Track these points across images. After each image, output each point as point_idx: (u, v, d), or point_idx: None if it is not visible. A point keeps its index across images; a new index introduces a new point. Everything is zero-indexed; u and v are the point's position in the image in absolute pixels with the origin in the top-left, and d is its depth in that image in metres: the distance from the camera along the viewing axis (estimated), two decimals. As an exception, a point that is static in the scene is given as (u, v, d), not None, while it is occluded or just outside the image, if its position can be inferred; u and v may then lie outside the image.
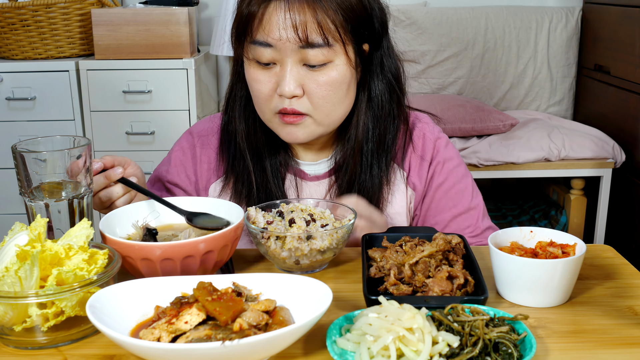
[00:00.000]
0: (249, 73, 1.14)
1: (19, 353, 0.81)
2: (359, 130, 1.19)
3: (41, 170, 0.95)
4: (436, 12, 3.02)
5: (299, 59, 1.09)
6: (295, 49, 1.07)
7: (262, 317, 0.77)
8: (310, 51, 1.07)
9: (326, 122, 1.15)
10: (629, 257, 1.13)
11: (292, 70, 1.09)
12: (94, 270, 0.83)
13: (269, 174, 1.21)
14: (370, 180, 1.20)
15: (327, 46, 1.08)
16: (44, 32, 2.64)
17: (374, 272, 0.96)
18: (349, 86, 1.14)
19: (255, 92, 1.14)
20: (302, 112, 1.12)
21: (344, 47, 1.10)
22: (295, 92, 1.10)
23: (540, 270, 0.88)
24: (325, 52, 1.08)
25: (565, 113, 3.17)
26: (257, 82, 1.12)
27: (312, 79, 1.10)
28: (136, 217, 1.04)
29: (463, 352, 0.74)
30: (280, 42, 1.07)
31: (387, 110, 1.21)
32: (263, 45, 1.09)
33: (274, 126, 1.16)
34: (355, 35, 1.11)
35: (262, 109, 1.15)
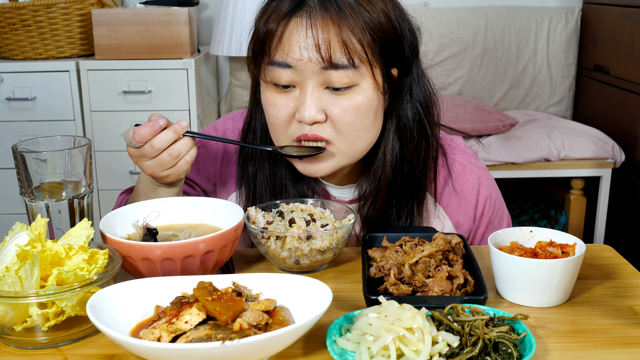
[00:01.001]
0: (266, 97, 1.05)
1: (19, 353, 0.81)
2: (386, 161, 1.10)
3: (41, 170, 0.95)
4: (436, 12, 3.02)
5: (321, 82, 1.01)
6: (318, 71, 0.99)
7: (262, 317, 0.77)
8: (333, 73, 0.99)
9: (350, 152, 1.06)
10: (628, 257, 1.13)
11: (313, 94, 1.01)
12: (94, 270, 0.83)
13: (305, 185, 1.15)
14: (398, 221, 1.13)
15: (352, 68, 0.99)
16: (45, 32, 2.64)
17: (374, 272, 0.96)
18: (376, 113, 1.05)
19: (271, 117, 1.05)
20: (324, 139, 1.04)
21: (371, 70, 1.01)
22: (317, 117, 1.01)
23: (540, 270, 0.88)
24: (351, 75, 1.00)
25: (565, 113, 3.17)
26: (274, 106, 1.04)
27: (336, 103, 1.01)
28: (136, 217, 1.05)
29: (463, 352, 0.74)
30: (300, 62, 0.99)
31: (416, 141, 1.11)
32: (282, 67, 1.00)
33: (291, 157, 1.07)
34: (384, 57, 1.02)
35: (278, 136, 1.07)
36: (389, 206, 1.13)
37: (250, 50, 1.07)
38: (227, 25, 2.76)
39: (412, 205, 1.13)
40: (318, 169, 1.07)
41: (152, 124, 1.00)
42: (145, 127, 1.00)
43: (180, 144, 1.02)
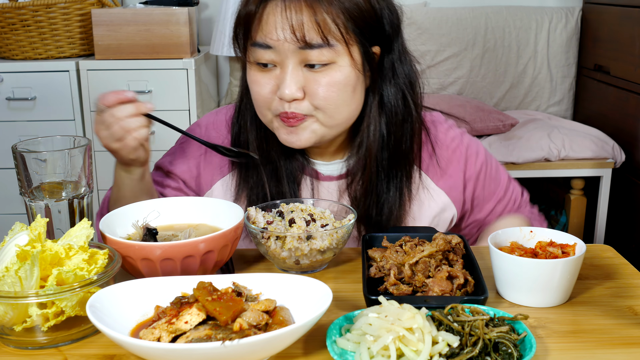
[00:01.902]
0: (250, 76, 1.11)
1: (19, 353, 0.81)
2: (370, 135, 1.14)
3: (41, 170, 0.95)
4: (436, 12, 3.02)
5: (300, 60, 1.05)
6: (295, 50, 1.04)
7: (262, 317, 0.77)
8: (310, 52, 1.04)
9: (329, 123, 1.10)
10: (628, 257, 1.13)
11: (292, 73, 1.06)
12: (94, 270, 0.83)
13: (284, 183, 1.17)
14: (388, 193, 1.16)
15: (328, 46, 1.04)
16: (44, 32, 2.64)
17: (374, 272, 0.96)
18: (354, 89, 1.09)
19: (254, 95, 1.11)
20: (302, 115, 1.08)
21: (348, 48, 1.06)
22: (296, 94, 1.06)
23: (540, 270, 0.88)
24: (327, 53, 1.04)
25: (565, 113, 3.17)
26: (257, 84, 1.09)
27: (314, 80, 1.06)
28: (136, 217, 1.04)
29: (463, 352, 0.74)
30: (278, 42, 1.04)
31: (401, 117, 1.15)
32: (263, 47, 1.06)
33: (275, 130, 1.13)
34: (362, 36, 1.07)
35: (262, 112, 1.13)
36: (377, 180, 1.16)
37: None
38: (227, 25, 2.76)
39: (400, 178, 1.17)
40: (298, 138, 1.10)
41: (119, 93, 1.05)
42: (112, 94, 1.04)
43: (134, 120, 1.05)
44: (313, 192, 1.20)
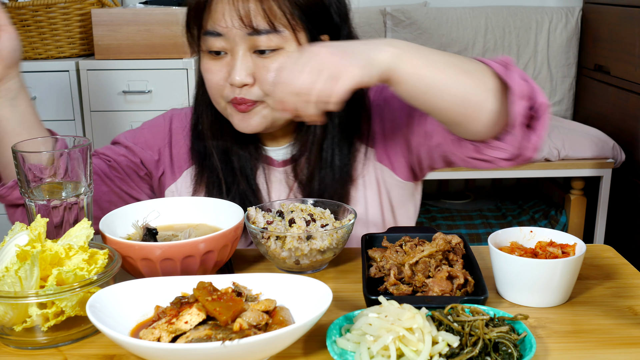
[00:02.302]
0: (203, 64, 1.14)
1: (19, 353, 0.81)
2: None
3: (41, 171, 0.95)
4: (436, 12, 3.02)
5: (249, 47, 1.08)
6: (244, 37, 1.07)
7: (262, 317, 0.77)
8: (258, 38, 1.06)
9: None
10: (629, 257, 1.13)
11: (242, 59, 1.08)
12: (94, 270, 0.83)
13: (237, 171, 1.20)
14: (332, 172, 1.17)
15: (275, 32, 1.06)
16: (44, 32, 2.64)
17: (374, 272, 0.96)
18: None
19: (208, 82, 1.14)
20: (252, 101, 1.11)
21: (295, 34, 1.08)
22: (246, 80, 1.08)
23: (540, 270, 0.88)
24: (274, 38, 1.07)
25: (565, 113, 3.17)
26: (209, 72, 1.12)
27: (264, 66, 1.08)
28: (136, 217, 1.04)
29: (463, 352, 0.74)
30: (227, 29, 1.07)
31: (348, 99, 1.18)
32: (213, 35, 1.08)
33: (228, 116, 1.15)
34: (308, 23, 1.09)
35: (215, 99, 1.15)
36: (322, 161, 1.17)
37: (185, 24, 1.14)
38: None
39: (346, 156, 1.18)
40: (250, 124, 1.13)
41: None
42: None
43: None
44: (266, 178, 1.22)
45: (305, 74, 0.88)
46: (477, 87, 0.95)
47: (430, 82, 0.93)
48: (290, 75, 0.89)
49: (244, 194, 1.19)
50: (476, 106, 0.95)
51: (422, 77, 0.92)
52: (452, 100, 0.94)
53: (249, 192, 1.19)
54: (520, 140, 0.98)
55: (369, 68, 0.89)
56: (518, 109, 0.94)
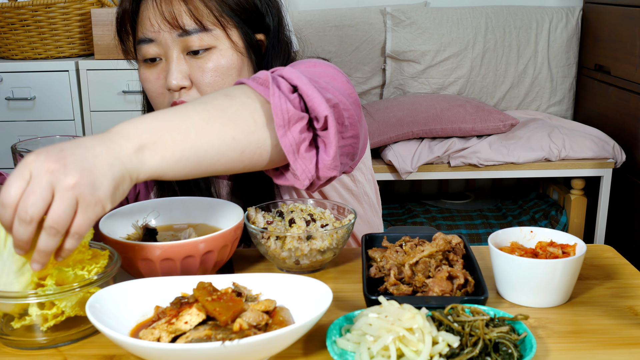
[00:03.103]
0: (140, 74, 1.14)
1: (18, 353, 0.81)
2: None
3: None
4: (436, 12, 3.02)
5: (182, 48, 1.08)
6: (175, 39, 1.07)
7: (262, 317, 0.77)
8: (189, 38, 1.06)
9: None
10: (629, 257, 1.13)
11: (176, 62, 1.08)
12: (94, 270, 0.83)
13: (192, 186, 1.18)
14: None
15: (205, 31, 1.06)
16: (44, 32, 2.64)
17: (374, 272, 0.96)
18: (239, 72, 1.10)
19: (148, 92, 1.14)
20: None
21: (226, 32, 1.08)
22: (182, 83, 1.07)
23: (540, 270, 0.88)
24: (205, 37, 1.06)
25: (565, 113, 3.17)
26: (147, 81, 1.12)
27: (198, 67, 1.08)
28: (136, 217, 1.04)
29: (463, 352, 0.74)
30: (157, 34, 1.07)
31: None
32: (146, 42, 1.09)
33: None
34: (239, 20, 1.09)
35: (158, 107, 1.14)
36: None
37: (118, 37, 1.15)
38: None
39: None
40: None
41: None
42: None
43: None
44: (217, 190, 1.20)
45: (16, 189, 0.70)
46: (248, 132, 0.84)
47: (196, 143, 0.80)
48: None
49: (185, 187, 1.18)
50: (255, 152, 0.86)
51: (180, 163, 0.80)
52: (230, 157, 0.84)
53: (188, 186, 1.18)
54: (309, 164, 0.88)
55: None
56: (285, 141, 0.85)
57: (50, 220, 0.70)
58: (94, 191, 0.71)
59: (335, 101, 0.90)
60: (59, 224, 0.70)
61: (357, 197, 1.25)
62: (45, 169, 0.69)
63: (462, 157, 2.63)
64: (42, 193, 0.69)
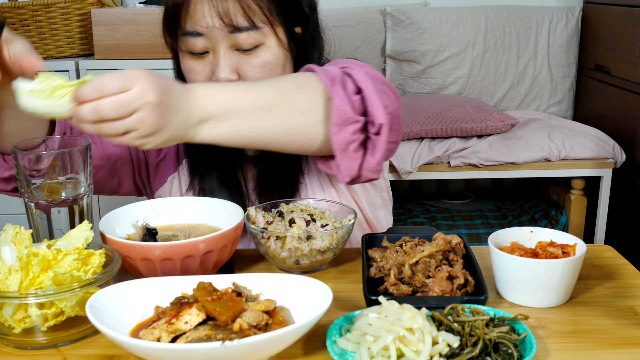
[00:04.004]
0: (184, 64, 1.14)
1: (18, 353, 0.81)
2: None
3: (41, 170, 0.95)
4: (436, 12, 3.02)
5: (231, 44, 1.09)
6: (225, 35, 1.08)
7: (262, 317, 0.77)
8: (239, 35, 1.07)
9: None
10: (629, 257, 1.13)
11: (225, 57, 1.09)
12: (91, 270, 0.83)
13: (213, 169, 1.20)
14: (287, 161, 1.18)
15: (255, 29, 1.08)
16: (44, 32, 2.64)
17: (374, 272, 0.96)
18: (284, 67, 1.13)
19: (191, 82, 1.13)
20: None
21: (273, 29, 1.10)
22: (230, 77, 1.09)
23: (540, 270, 0.88)
24: (254, 35, 1.08)
25: (565, 113, 3.17)
26: (193, 72, 1.12)
27: (246, 62, 1.10)
28: (136, 217, 1.04)
29: (463, 352, 0.74)
30: (208, 29, 1.07)
31: None
32: (194, 35, 1.09)
33: None
34: (284, 17, 1.11)
35: None
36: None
37: (164, 24, 1.15)
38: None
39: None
40: None
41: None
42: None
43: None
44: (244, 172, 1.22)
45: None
46: (308, 121, 0.93)
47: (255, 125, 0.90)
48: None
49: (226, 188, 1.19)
50: (309, 141, 0.95)
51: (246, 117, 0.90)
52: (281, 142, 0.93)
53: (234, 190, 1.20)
54: (355, 163, 0.96)
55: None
56: (337, 139, 0.92)
57: (110, 115, 0.79)
58: (152, 138, 0.83)
59: (392, 108, 0.96)
60: (113, 129, 0.80)
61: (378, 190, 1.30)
62: (143, 97, 0.80)
63: (462, 157, 2.63)
64: (124, 110, 0.79)
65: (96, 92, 0.79)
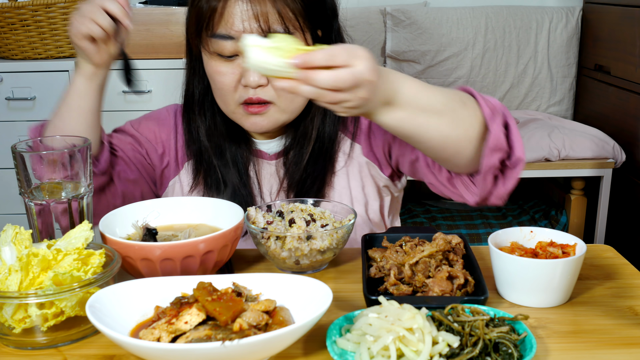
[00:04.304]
0: (211, 66, 1.14)
1: (19, 353, 0.81)
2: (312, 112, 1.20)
3: (41, 170, 0.95)
4: (436, 12, 3.02)
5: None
6: None
7: (262, 317, 0.77)
8: None
9: (290, 108, 1.16)
10: (629, 257, 1.13)
11: None
12: (91, 270, 0.83)
13: (231, 166, 1.21)
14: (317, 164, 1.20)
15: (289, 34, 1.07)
16: (44, 32, 2.64)
17: (374, 272, 0.96)
18: None
19: (218, 84, 1.14)
20: (267, 101, 1.12)
21: (303, 35, 1.11)
22: (261, 81, 1.10)
23: (541, 270, 0.88)
24: None
25: (565, 113, 3.17)
26: (221, 74, 1.13)
27: None
28: (136, 217, 1.04)
29: (463, 352, 0.74)
30: (241, 33, 1.08)
31: None
32: (225, 38, 1.09)
33: (238, 117, 1.16)
34: (312, 22, 1.12)
35: (226, 100, 1.15)
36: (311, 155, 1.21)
37: (192, 25, 1.14)
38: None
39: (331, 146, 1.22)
40: (262, 125, 1.16)
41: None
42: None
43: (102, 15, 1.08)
44: (256, 171, 1.24)
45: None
46: (462, 136, 0.97)
47: (422, 123, 0.94)
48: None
49: (236, 186, 1.20)
50: (456, 153, 0.99)
51: (418, 113, 0.93)
52: (434, 145, 0.97)
53: (240, 185, 1.20)
54: (489, 187, 1.02)
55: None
56: (488, 162, 0.98)
57: (342, 86, 0.83)
58: (355, 110, 0.88)
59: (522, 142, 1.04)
60: (332, 97, 0.84)
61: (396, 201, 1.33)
62: (367, 75, 0.83)
63: (462, 157, 2.63)
64: (352, 83, 0.83)
65: (326, 61, 0.83)
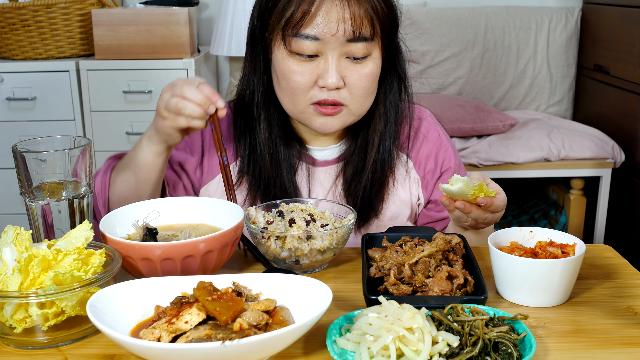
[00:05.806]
0: (287, 65, 1.14)
1: (19, 353, 0.81)
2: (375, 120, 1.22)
3: (41, 170, 0.95)
4: (436, 12, 3.02)
5: (343, 52, 1.11)
6: (342, 42, 1.10)
7: (262, 317, 0.77)
8: (355, 44, 1.11)
9: (359, 112, 1.18)
10: (628, 257, 1.13)
11: (337, 63, 1.12)
12: (91, 269, 0.83)
13: (283, 168, 1.22)
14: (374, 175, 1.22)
15: (372, 40, 1.12)
16: (44, 32, 2.64)
17: (374, 272, 0.96)
18: (377, 78, 1.18)
19: (293, 83, 1.14)
20: (341, 103, 1.14)
21: (381, 41, 1.14)
22: (339, 83, 1.12)
23: (540, 270, 0.88)
24: (368, 46, 1.12)
25: (565, 113, 3.17)
26: (297, 74, 1.13)
27: (355, 71, 1.13)
28: (136, 217, 1.05)
29: (463, 351, 0.74)
30: (329, 35, 1.09)
31: (395, 102, 1.24)
32: (309, 39, 1.10)
33: (307, 117, 1.17)
34: (386, 30, 1.15)
35: (295, 100, 1.16)
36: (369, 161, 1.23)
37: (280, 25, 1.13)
38: (227, 25, 2.76)
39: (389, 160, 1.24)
40: (332, 125, 1.17)
41: (206, 91, 1.08)
42: (203, 87, 1.09)
43: (196, 108, 1.07)
44: (309, 176, 1.25)
45: None
46: None
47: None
48: None
49: (284, 188, 1.21)
50: None
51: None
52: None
53: (291, 188, 1.22)
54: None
55: None
56: None
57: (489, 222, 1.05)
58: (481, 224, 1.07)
59: None
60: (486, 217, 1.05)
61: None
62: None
63: (461, 157, 2.64)
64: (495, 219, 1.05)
65: (495, 207, 1.03)
